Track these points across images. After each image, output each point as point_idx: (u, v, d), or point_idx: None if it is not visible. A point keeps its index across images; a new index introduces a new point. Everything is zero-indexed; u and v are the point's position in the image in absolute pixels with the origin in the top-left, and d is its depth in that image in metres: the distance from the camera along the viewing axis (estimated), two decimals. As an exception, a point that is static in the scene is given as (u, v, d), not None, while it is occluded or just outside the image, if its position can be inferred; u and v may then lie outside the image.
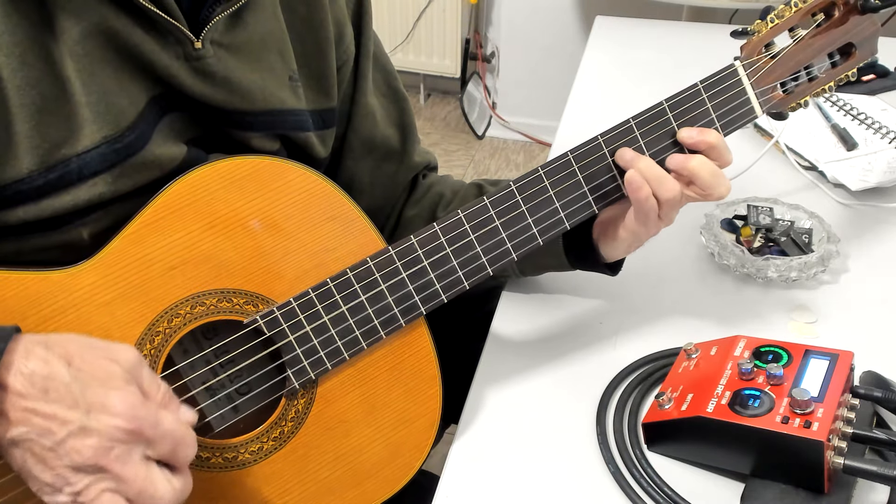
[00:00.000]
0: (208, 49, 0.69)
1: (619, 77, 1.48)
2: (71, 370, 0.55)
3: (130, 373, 0.57)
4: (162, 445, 0.58)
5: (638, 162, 0.72)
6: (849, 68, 0.80)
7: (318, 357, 0.70)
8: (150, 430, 0.57)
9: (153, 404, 0.58)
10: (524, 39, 3.00)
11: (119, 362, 0.57)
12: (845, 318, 0.89)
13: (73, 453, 0.54)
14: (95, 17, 0.63)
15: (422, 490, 0.77)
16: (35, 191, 0.63)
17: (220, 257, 0.68)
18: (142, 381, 0.58)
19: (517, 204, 0.73)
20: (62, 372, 0.55)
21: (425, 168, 0.97)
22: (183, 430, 0.59)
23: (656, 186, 0.72)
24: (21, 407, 0.54)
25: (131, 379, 0.57)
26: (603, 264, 0.82)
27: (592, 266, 0.83)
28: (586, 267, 0.84)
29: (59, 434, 0.54)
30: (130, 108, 0.66)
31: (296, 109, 0.78)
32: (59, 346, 0.56)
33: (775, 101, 0.78)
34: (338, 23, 0.82)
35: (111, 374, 0.57)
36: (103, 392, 0.55)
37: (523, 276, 0.90)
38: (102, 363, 0.57)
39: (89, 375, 0.56)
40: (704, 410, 0.69)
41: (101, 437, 0.55)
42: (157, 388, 0.59)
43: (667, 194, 0.72)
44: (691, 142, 0.73)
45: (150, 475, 0.57)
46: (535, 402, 0.80)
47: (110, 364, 0.57)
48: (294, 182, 0.69)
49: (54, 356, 0.55)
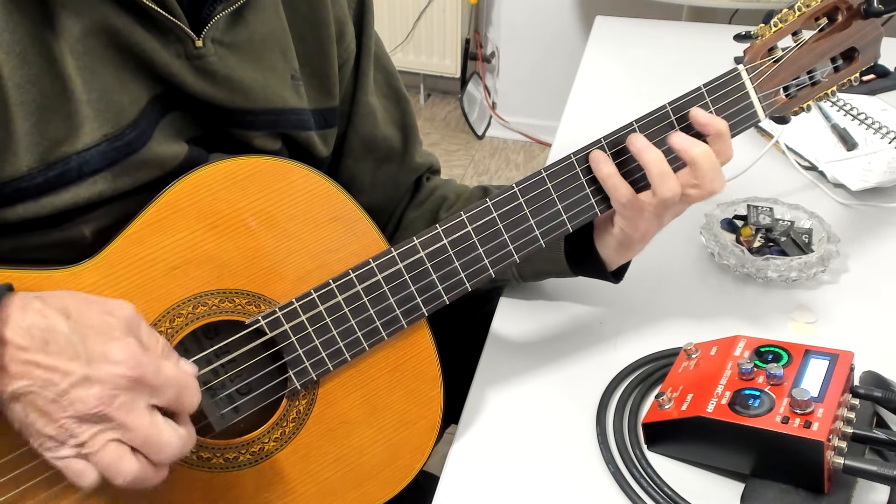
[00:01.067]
0: (209, 48, 0.69)
1: (619, 77, 1.48)
2: (69, 322, 0.55)
3: (128, 325, 0.58)
4: (166, 392, 0.58)
5: (646, 153, 0.72)
6: (851, 73, 0.80)
7: (320, 358, 0.70)
8: (153, 377, 0.57)
9: (153, 354, 0.58)
10: (524, 39, 3.00)
11: (116, 315, 0.58)
12: (845, 318, 0.89)
13: (78, 403, 0.54)
14: (96, 15, 0.63)
15: (421, 491, 0.77)
16: (35, 188, 0.63)
17: (223, 257, 0.68)
18: (140, 334, 0.58)
19: (520, 206, 0.73)
20: (61, 324, 0.55)
21: (428, 170, 0.97)
22: (185, 376, 0.59)
23: (658, 182, 0.71)
24: (21, 360, 0.54)
25: (129, 331, 0.58)
26: (605, 271, 0.82)
27: (594, 272, 0.83)
28: (588, 273, 0.84)
29: (62, 385, 0.54)
30: (131, 106, 0.66)
31: (297, 108, 0.78)
32: (56, 299, 0.57)
33: (778, 104, 0.78)
34: (339, 21, 0.82)
35: (110, 326, 0.57)
36: (103, 342, 0.56)
37: (524, 282, 0.90)
38: (100, 315, 0.57)
39: (88, 327, 0.56)
40: (704, 410, 0.69)
41: (104, 386, 0.55)
42: (155, 340, 0.59)
43: (667, 193, 0.71)
44: (703, 120, 0.73)
45: (155, 422, 0.57)
46: (535, 402, 0.80)
47: (108, 316, 0.57)
48: (296, 182, 0.70)
49: (51, 309, 0.56)
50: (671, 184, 0.71)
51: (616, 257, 0.80)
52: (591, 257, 0.81)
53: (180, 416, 0.60)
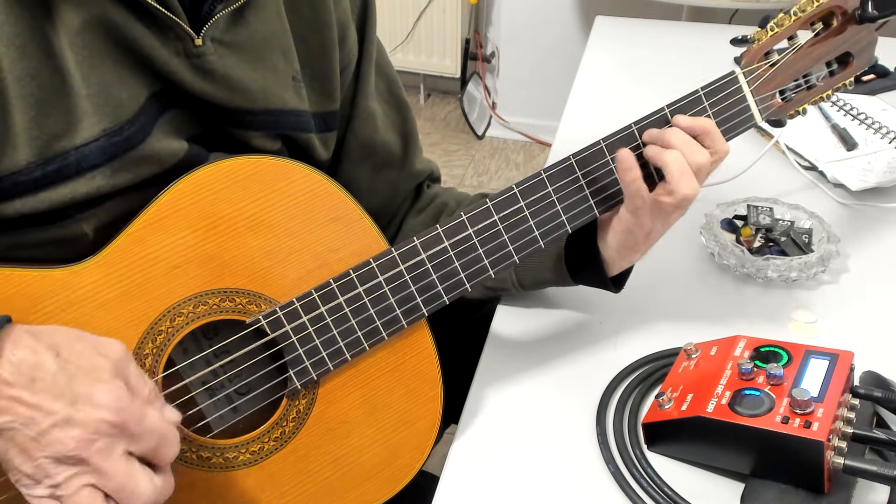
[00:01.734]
0: (209, 46, 0.69)
1: (619, 77, 1.48)
2: (59, 361, 0.55)
3: (117, 367, 0.57)
4: (145, 442, 0.57)
5: (665, 153, 0.72)
6: (846, 77, 0.81)
7: (320, 357, 0.70)
8: (135, 425, 0.56)
9: (139, 400, 0.57)
10: (524, 39, 3.00)
11: (107, 356, 0.57)
12: (845, 318, 0.89)
13: (56, 444, 0.54)
14: (95, 9, 0.63)
15: (421, 491, 0.77)
16: (33, 183, 0.62)
17: (223, 257, 0.68)
18: (128, 377, 0.58)
19: (520, 208, 0.73)
20: (50, 362, 0.55)
21: (428, 178, 0.96)
22: (166, 427, 0.59)
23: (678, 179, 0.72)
24: (7, 395, 0.53)
25: (118, 373, 0.57)
26: (605, 278, 0.81)
27: (594, 279, 0.82)
28: (588, 280, 0.84)
29: (43, 424, 0.54)
30: (130, 101, 0.66)
31: (298, 110, 0.78)
32: (48, 336, 0.56)
33: (774, 108, 0.78)
34: (341, 24, 0.82)
35: (98, 367, 0.56)
36: (89, 384, 0.55)
37: (524, 291, 0.89)
38: (90, 355, 0.57)
39: (76, 367, 0.56)
40: (704, 410, 0.69)
41: (84, 429, 0.54)
42: (143, 384, 0.59)
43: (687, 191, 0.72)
44: (686, 124, 0.73)
45: (131, 471, 0.56)
46: (535, 402, 0.80)
47: (98, 357, 0.57)
48: (297, 182, 0.70)
49: (42, 346, 0.55)
50: (691, 181, 0.72)
51: (619, 259, 0.80)
52: (592, 262, 0.81)
53: (159, 467, 0.59)
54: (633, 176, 0.72)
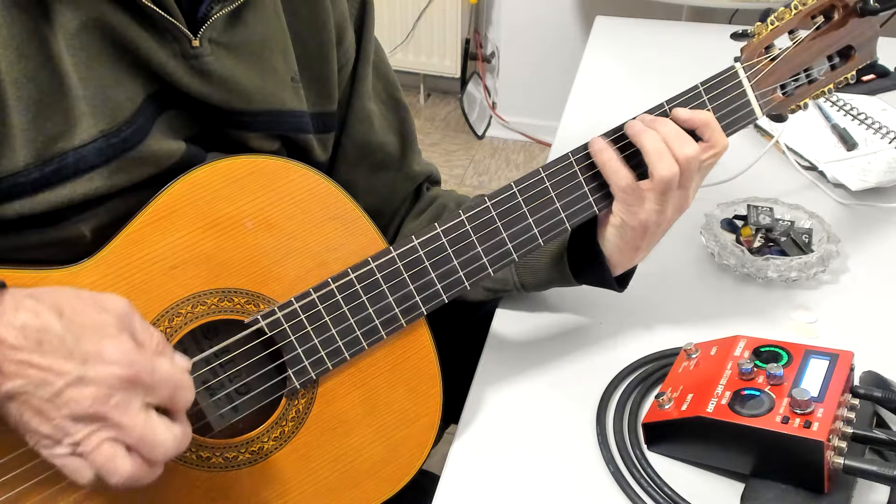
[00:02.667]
0: (206, 47, 0.69)
1: (619, 77, 1.48)
2: (63, 321, 0.55)
3: (122, 321, 0.57)
4: (160, 391, 0.57)
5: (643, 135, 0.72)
6: (848, 71, 0.80)
7: (319, 357, 0.70)
8: (148, 376, 0.56)
9: (148, 351, 0.57)
10: (524, 39, 3.00)
11: (109, 311, 0.57)
12: (845, 318, 0.89)
13: (72, 403, 0.54)
14: (93, 11, 0.63)
15: (421, 490, 0.77)
16: (31, 184, 0.63)
17: (222, 257, 0.68)
18: (134, 330, 0.58)
19: (518, 205, 0.73)
20: (54, 323, 0.55)
21: (427, 180, 0.96)
22: (179, 374, 0.59)
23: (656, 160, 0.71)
24: (16, 360, 0.53)
25: (123, 327, 0.57)
26: (609, 278, 0.81)
27: (597, 278, 0.82)
28: (591, 280, 0.83)
29: (57, 385, 0.54)
30: (128, 102, 0.66)
31: (296, 111, 0.78)
32: (49, 297, 0.56)
33: (775, 102, 0.78)
34: (339, 25, 0.82)
35: (103, 324, 0.56)
36: (97, 341, 0.55)
37: (526, 292, 0.89)
38: (93, 313, 0.56)
39: (81, 325, 0.55)
40: (704, 410, 0.69)
41: (99, 386, 0.54)
42: (149, 336, 0.58)
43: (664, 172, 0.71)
44: (685, 116, 0.73)
45: (149, 422, 0.56)
46: (535, 402, 0.80)
47: (101, 313, 0.57)
48: (295, 181, 0.70)
49: (45, 308, 0.55)
50: (668, 162, 0.71)
51: (619, 256, 0.79)
52: (594, 261, 0.80)
53: (176, 414, 0.60)
54: (608, 156, 0.72)
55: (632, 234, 0.76)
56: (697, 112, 0.73)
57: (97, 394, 0.54)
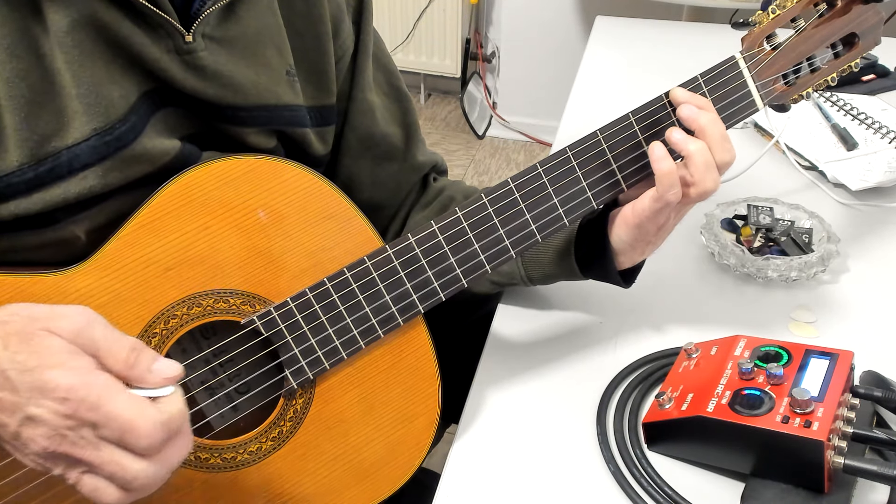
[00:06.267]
0: (199, 43, 0.69)
1: (619, 77, 1.48)
2: (7, 353, 0.51)
3: (76, 341, 0.52)
4: (107, 430, 0.51)
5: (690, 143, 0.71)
6: (852, 58, 0.78)
7: (316, 357, 0.70)
8: (88, 412, 0.51)
9: (100, 379, 0.52)
10: (524, 39, 3.00)
11: (62, 331, 0.52)
12: (845, 318, 0.89)
13: (31, 443, 0.52)
14: (85, 9, 0.63)
15: (422, 488, 0.76)
16: (25, 184, 0.62)
17: (217, 258, 0.68)
18: (96, 344, 0.53)
19: (515, 201, 0.72)
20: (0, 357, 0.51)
21: (433, 170, 0.96)
22: (132, 413, 0.51)
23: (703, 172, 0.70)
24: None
25: (76, 349, 0.52)
26: (615, 273, 0.80)
27: (604, 274, 0.81)
28: (598, 275, 0.82)
29: (11, 426, 0.51)
30: (121, 100, 0.66)
31: (292, 105, 0.78)
32: None
33: (777, 92, 0.76)
34: (335, 17, 0.81)
35: (50, 350, 0.51)
36: (40, 372, 0.51)
37: (532, 285, 0.88)
38: (41, 338, 0.52)
39: (27, 355, 0.51)
40: (705, 410, 0.69)
41: (47, 426, 0.51)
42: (119, 346, 0.53)
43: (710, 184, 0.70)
44: (687, 114, 0.72)
45: (114, 458, 0.52)
46: (536, 401, 0.80)
47: (49, 337, 0.52)
48: (290, 181, 0.69)
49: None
50: (715, 174, 0.70)
51: (632, 252, 0.78)
52: (603, 256, 0.79)
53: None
54: (669, 167, 0.70)
55: (646, 233, 0.75)
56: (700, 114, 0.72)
57: (49, 433, 0.51)
